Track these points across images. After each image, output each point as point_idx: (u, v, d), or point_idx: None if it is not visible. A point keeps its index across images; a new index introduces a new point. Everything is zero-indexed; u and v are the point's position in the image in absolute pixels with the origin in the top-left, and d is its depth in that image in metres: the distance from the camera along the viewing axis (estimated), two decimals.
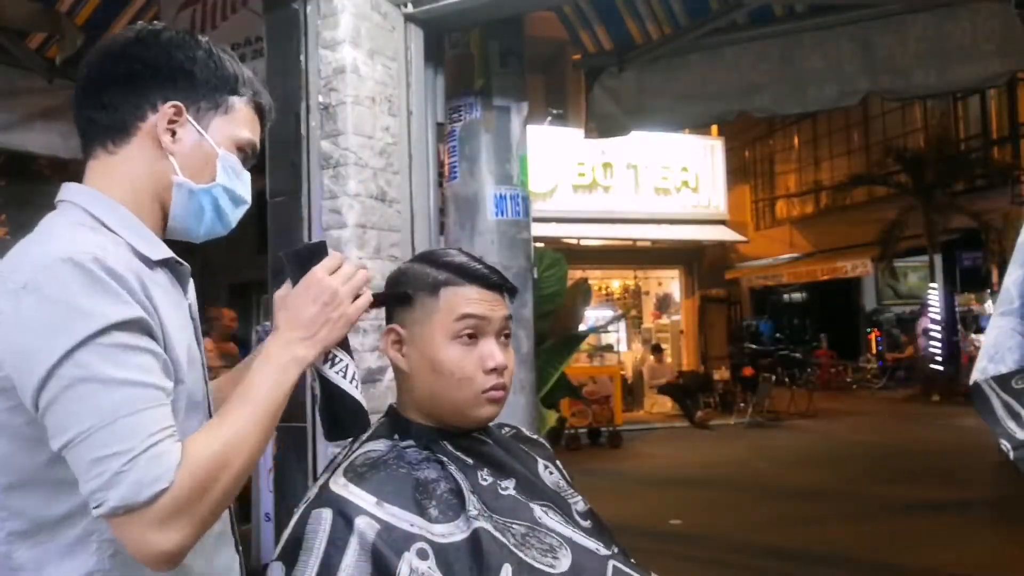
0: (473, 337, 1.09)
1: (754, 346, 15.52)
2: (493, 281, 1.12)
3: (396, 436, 1.11)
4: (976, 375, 1.43)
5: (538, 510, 1.07)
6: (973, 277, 14.90)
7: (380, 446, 1.09)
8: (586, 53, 4.32)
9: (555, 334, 4.44)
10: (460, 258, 1.13)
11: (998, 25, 3.42)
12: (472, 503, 1.02)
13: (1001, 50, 3.44)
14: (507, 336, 1.14)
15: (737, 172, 16.73)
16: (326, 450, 2.46)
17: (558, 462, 1.26)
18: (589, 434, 10.12)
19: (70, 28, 3.78)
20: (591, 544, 1.07)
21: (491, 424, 1.18)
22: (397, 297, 1.13)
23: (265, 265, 2.75)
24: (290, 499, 2.55)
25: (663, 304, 14.42)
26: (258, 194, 1.39)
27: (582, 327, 5.63)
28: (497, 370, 1.09)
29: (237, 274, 13.81)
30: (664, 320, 14.31)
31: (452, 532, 0.99)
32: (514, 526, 1.02)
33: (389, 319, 1.16)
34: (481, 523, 1.00)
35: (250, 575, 1.21)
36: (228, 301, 14.58)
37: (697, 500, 6.91)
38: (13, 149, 4.33)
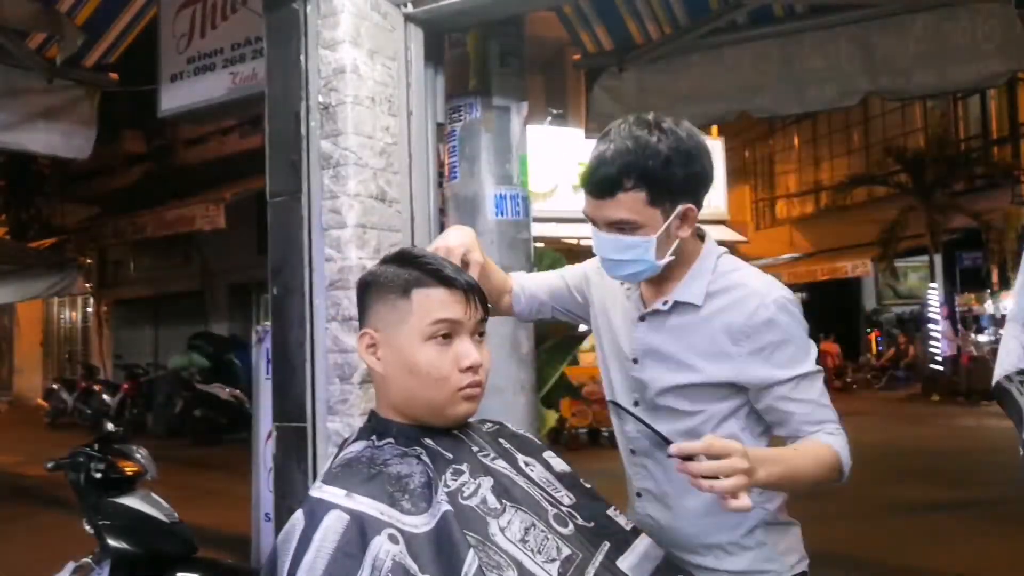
0: (447, 337, 1.10)
1: None
2: (463, 285, 1.12)
3: (374, 437, 1.12)
4: (995, 378, 1.59)
5: (494, 526, 1.04)
6: (973, 277, 14.91)
7: (357, 447, 1.12)
8: (586, 53, 4.31)
9: (555, 334, 4.44)
10: (430, 260, 1.14)
11: (998, 25, 3.41)
12: (442, 493, 1.03)
13: (1001, 50, 3.43)
14: (481, 335, 1.15)
15: (737, 172, 16.73)
16: (326, 450, 2.46)
17: (547, 454, 1.26)
18: (589, 434, 10.10)
19: (70, 28, 3.78)
20: (545, 571, 1.03)
21: (474, 421, 1.18)
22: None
23: (265, 265, 2.75)
24: (290, 499, 2.55)
25: None
26: (258, 194, 1.39)
27: (582, 327, 5.62)
28: (472, 368, 1.10)
29: (237, 274, 13.82)
30: None
31: (426, 523, 1.00)
32: (468, 536, 1.02)
33: (362, 323, 1.16)
34: (448, 507, 1.01)
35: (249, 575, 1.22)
36: (228, 301, 14.61)
37: None
38: (13, 149, 4.32)
